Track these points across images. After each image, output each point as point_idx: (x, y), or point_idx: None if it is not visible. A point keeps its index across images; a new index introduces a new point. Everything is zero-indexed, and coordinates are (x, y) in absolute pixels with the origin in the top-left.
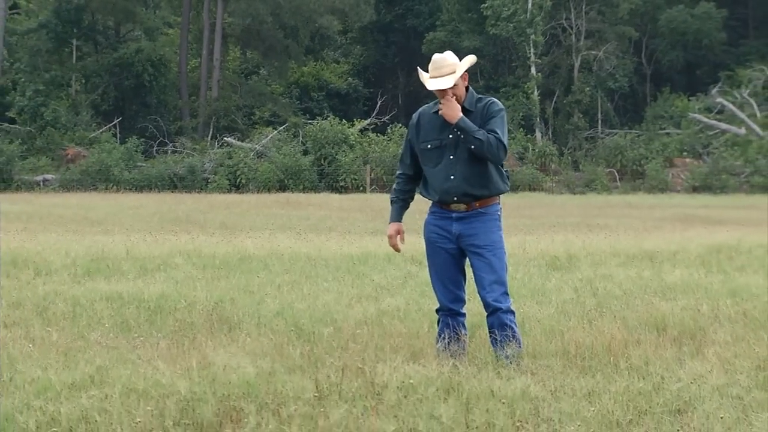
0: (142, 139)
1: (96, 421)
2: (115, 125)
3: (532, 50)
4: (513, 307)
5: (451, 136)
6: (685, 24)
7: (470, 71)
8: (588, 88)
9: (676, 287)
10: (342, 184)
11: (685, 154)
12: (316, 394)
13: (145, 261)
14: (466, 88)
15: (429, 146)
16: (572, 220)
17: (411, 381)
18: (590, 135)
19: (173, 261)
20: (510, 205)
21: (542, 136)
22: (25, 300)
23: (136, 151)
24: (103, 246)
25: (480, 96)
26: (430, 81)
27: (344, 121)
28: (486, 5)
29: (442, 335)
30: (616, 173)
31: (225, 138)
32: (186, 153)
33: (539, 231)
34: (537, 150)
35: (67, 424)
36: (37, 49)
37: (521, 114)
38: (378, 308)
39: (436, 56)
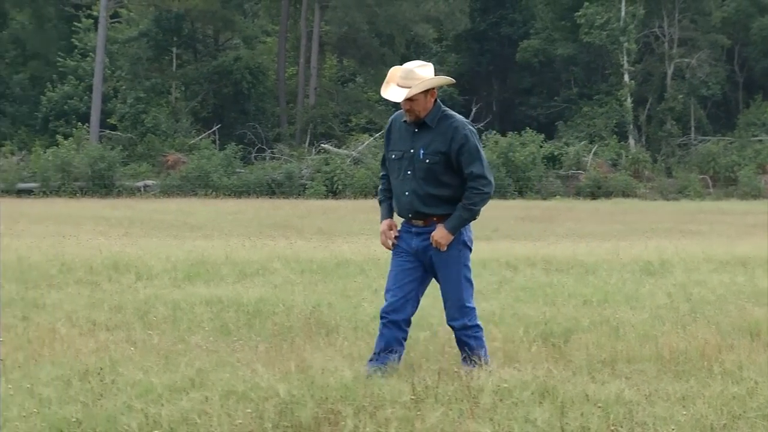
0: (240, 146)
1: (196, 423)
2: (214, 132)
3: (625, 58)
4: (473, 322)
5: (412, 150)
6: None
7: (541, 78)
8: (681, 96)
9: None
10: None
11: None
12: (412, 397)
13: (243, 266)
14: (435, 101)
15: (393, 156)
16: (665, 226)
17: (506, 385)
18: (683, 142)
19: (271, 266)
20: (603, 211)
21: (635, 143)
22: (126, 304)
23: (235, 158)
24: (203, 251)
25: (446, 113)
26: (385, 89)
27: None
28: (580, 13)
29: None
30: (708, 180)
31: (322, 144)
32: (284, 159)
33: (633, 237)
34: (630, 157)
35: (168, 426)
36: (138, 57)
37: (615, 121)
38: None
39: (407, 65)
